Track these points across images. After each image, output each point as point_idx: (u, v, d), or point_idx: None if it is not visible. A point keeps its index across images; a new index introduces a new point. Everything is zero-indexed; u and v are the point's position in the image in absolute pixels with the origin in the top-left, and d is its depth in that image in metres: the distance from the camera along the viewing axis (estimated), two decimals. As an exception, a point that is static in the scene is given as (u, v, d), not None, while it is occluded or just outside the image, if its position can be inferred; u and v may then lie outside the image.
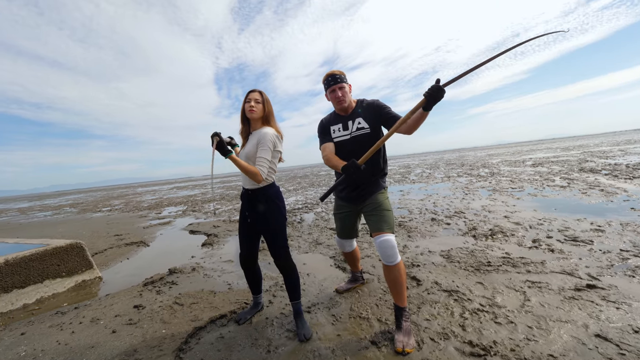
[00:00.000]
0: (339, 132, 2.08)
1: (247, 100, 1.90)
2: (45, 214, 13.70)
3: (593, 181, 6.91)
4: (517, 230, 3.80)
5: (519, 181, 8.23)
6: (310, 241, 4.18)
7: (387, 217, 1.92)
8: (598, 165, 9.97)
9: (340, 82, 1.99)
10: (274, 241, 1.91)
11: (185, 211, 9.20)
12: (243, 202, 1.98)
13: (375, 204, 1.98)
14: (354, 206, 2.12)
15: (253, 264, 2.07)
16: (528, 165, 13.08)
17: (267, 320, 2.10)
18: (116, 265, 3.91)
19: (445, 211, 5.36)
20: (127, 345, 1.87)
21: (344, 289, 2.47)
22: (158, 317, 2.18)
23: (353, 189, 2.10)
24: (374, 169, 2.03)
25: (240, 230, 2.02)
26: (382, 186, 2.05)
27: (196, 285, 2.85)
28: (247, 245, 2.01)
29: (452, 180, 10.32)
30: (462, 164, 18.73)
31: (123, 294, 2.75)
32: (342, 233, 2.29)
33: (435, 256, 3.14)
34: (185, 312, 2.24)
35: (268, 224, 1.89)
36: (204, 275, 3.14)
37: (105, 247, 4.85)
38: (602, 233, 3.34)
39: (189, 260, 3.79)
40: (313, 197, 9.62)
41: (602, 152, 15.78)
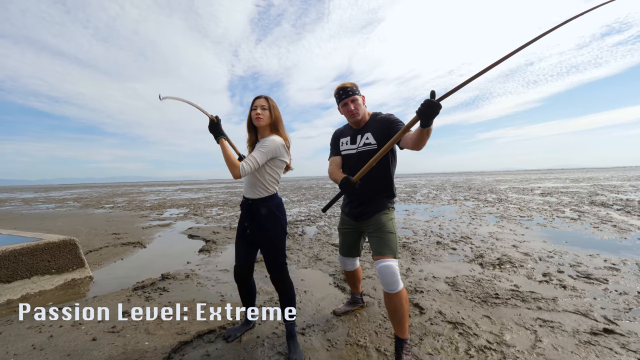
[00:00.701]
0: (346, 146, 2.02)
1: (253, 107, 1.82)
2: (47, 206, 13.74)
3: (605, 216, 6.70)
4: (526, 261, 3.63)
5: (528, 210, 8.03)
6: (310, 256, 4.05)
7: (389, 240, 1.79)
8: (609, 199, 9.73)
9: (353, 95, 1.91)
10: (272, 255, 1.80)
11: (186, 214, 9.13)
12: (243, 211, 1.89)
13: (377, 224, 1.86)
14: (357, 223, 2.02)
15: (248, 278, 1.95)
16: (537, 194, 12.84)
17: (257, 340, 1.96)
18: (109, 266, 3.81)
19: (451, 235, 5.19)
20: (105, 356, 1.74)
21: (342, 312, 2.33)
22: (143, 327, 2.06)
23: (355, 205, 1.99)
24: (375, 187, 1.91)
25: (238, 240, 1.92)
26: (387, 206, 1.91)
27: (187, 294, 2.73)
28: (244, 257, 1.90)
29: (459, 203, 10.13)
30: (469, 188, 18.50)
31: (111, 298, 2.63)
32: (343, 249, 2.18)
33: (440, 283, 2.99)
34: (173, 323, 2.12)
35: (267, 237, 1.78)
36: (197, 284, 3.02)
37: (101, 246, 4.76)
38: (617, 272, 3.16)
39: (184, 266, 3.67)
40: (316, 209, 9.49)
41: (612, 186, 15.47)
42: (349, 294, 2.75)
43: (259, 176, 1.78)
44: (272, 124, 1.84)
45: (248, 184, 1.83)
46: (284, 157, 1.82)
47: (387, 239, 1.79)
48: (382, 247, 1.76)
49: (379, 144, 1.86)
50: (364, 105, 1.98)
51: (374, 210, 1.90)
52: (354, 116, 1.93)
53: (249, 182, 1.83)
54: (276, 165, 1.80)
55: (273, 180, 1.82)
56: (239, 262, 1.91)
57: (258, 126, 1.84)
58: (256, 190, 1.79)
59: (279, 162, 1.81)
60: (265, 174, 1.78)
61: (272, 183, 1.82)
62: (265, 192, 1.79)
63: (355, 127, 2.00)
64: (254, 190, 1.79)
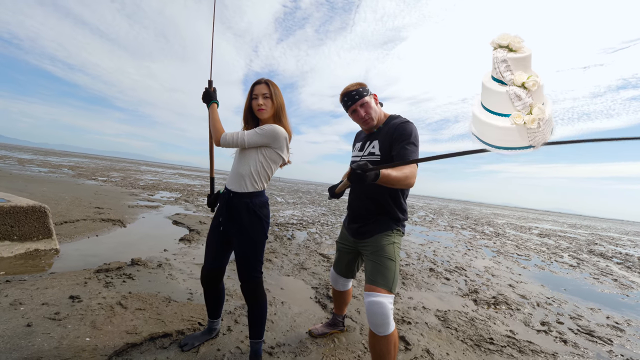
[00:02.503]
0: (355, 152, 1.82)
1: (253, 96, 1.59)
2: (41, 170, 13.47)
3: (605, 267, 6.45)
4: (524, 305, 3.38)
5: (525, 249, 7.78)
6: (295, 263, 3.79)
7: (386, 268, 1.50)
8: (608, 250, 9.48)
9: (360, 98, 1.64)
10: (246, 261, 1.55)
11: (178, 199, 8.86)
12: (221, 204, 1.64)
13: (375, 246, 1.59)
14: (354, 241, 1.76)
15: (217, 282, 1.69)
16: (534, 233, 12.59)
17: (217, 354, 1.70)
18: (80, 241, 3.55)
19: (445, 263, 4.93)
20: (32, 350, 1.47)
21: (319, 333, 2.07)
22: (90, 318, 1.79)
23: (353, 219, 1.76)
24: (378, 203, 1.64)
25: (210, 237, 1.66)
26: (390, 227, 1.62)
27: (153, 286, 2.47)
28: (214, 258, 1.64)
29: (456, 231, 9.87)
30: (466, 217, 18.24)
31: (68, 277, 2.37)
32: (337, 267, 1.95)
33: (430, 315, 2.73)
34: (126, 318, 1.85)
35: (243, 238, 1.54)
36: (167, 275, 2.77)
37: (79, 218, 4.50)
38: (622, 333, 2.91)
39: (159, 254, 3.41)
40: (311, 214, 9.23)
41: (611, 238, 15.21)
42: (330, 312, 2.49)
43: (250, 167, 1.55)
44: (276, 113, 1.62)
45: (234, 173, 1.60)
46: (282, 151, 1.58)
47: (384, 266, 1.51)
48: (375, 275, 1.49)
49: (383, 156, 1.62)
50: (377, 105, 1.71)
51: (375, 230, 1.63)
52: (368, 122, 1.68)
53: (235, 171, 1.59)
54: (271, 158, 1.57)
55: (264, 174, 1.58)
56: (208, 262, 1.66)
57: (261, 118, 1.61)
58: (242, 181, 1.55)
59: (276, 156, 1.58)
60: (257, 164, 1.55)
61: (262, 178, 1.58)
62: (251, 186, 1.56)
63: (368, 132, 1.76)
64: (239, 182, 1.56)
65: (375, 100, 1.72)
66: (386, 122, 1.70)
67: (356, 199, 1.75)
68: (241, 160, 1.58)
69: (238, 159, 1.61)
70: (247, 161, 1.56)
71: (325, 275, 3.47)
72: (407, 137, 1.54)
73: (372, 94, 1.71)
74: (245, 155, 1.57)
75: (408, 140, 1.53)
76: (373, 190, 1.63)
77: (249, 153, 1.56)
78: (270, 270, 3.40)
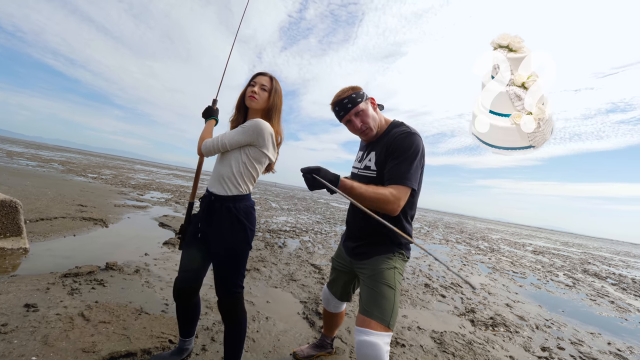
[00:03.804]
0: (355, 162, 1.60)
1: (251, 83, 1.46)
2: (29, 163, 13.10)
3: (600, 288, 6.33)
4: (522, 327, 3.20)
5: (520, 266, 7.65)
6: (284, 274, 3.58)
7: (383, 297, 1.27)
8: (602, 270, 9.40)
9: (353, 107, 1.39)
10: (226, 274, 1.36)
11: (168, 200, 8.61)
12: (201, 208, 1.46)
13: (373, 270, 1.36)
14: (351, 262, 1.54)
15: (191, 296, 1.48)
16: (528, 250, 12.50)
17: (187, 378, 1.50)
18: (55, 240, 3.31)
19: (440, 279, 4.76)
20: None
21: (304, 356, 1.87)
22: (43, 332, 1.58)
23: (349, 236, 1.55)
24: (369, 227, 1.41)
25: (186, 245, 1.47)
26: (392, 250, 1.39)
27: (125, 295, 2.25)
28: (190, 268, 1.45)
29: (451, 245, 9.72)
30: (461, 231, 18.14)
31: (29, 281, 2.14)
32: (331, 286, 1.72)
33: (425, 337, 2.54)
34: (85, 333, 1.64)
35: (224, 248, 1.35)
36: (144, 283, 2.55)
37: (58, 215, 4.26)
38: (626, 362, 2.75)
39: (139, 258, 3.19)
40: (305, 222, 9.03)
41: (603, 258, 15.19)
42: (318, 331, 2.29)
43: (232, 167, 1.38)
44: (267, 109, 1.45)
45: (216, 174, 1.43)
46: (267, 150, 1.41)
47: (382, 294, 1.27)
48: (371, 305, 1.26)
49: (379, 172, 1.38)
50: (375, 111, 1.46)
51: (373, 252, 1.41)
52: (366, 134, 1.45)
53: (217, 173, 1.42)
54: (256, 158, 1.40)
55: (248, 175, 1.41)
56: (183, 273, 1.45)
57: (250, 107, 1.46)
58: (224, 184, 1.38)
59: (261, 156, 1.41)
60: (241, 165, 1.38)
61: (247, 180, 1.41)
62: (235, 189, 1.38)
63: (367, 142, 1.53)
64: (222, 184, 1.38)
65: (372, 105, 1.47)
66: (387, 131, 1.45)
67: (351, 215, 1.56)
68: (222, 161, 1.42)
69: (219, 159, 1.45)
70: (228, 161, 1.39)
71: (316, 288, 3.27)
72: (404, 152, 1.28)
73: (369, 99, 1.45)
74: (226, 154, 1.40)
75: (404, 157, 1.27)
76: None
77: (231, 152, 1.39)
78: (257, 280, 3.19)
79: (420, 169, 1.31)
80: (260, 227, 6.72)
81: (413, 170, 1.26)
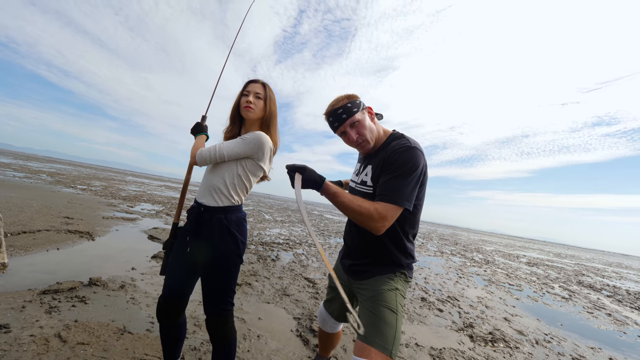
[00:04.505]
0: (353, 174, 1.51)
1: (244, 92, 1.41)
2: (16, 174, 12.78)
3: (596, 301, 6.30)
4: (522, 342, 3.12)
5: (516, 278, 7.60)
6: (277, 288, 3.46)
7: (383, 321, 1.15)
8: (596, 282, 9.40)
9: (349, 117, 1.27)
10: (215, 291, 1.28)
11: (159, 212, 8.42)
12: (188, 220, 1.38)
13: (373, 291, 1.25)
14: (348, 280, 1.43)
15: (176, 316, 1.37)
16: (523, 262, 12.49)
17: (170, 406, 1.38)
18: (37, 254, 3.16)
19: (437, 292, 4.67)
20: None
21: (298, 377, 1.76)
22: (14, 356, 1.45)
23: (345, 253, 1.44)
24: (366, 245, 1.32)
25: (172, 260, 1.37)
26: (392, 270, 1.28)
27: (108, 313, 2.12)
28: (176, 285, 1.34)
29: (446, 257, 9.65)
30: (455, 243, 18.11)
31: (4, 299, 2.00)
32: (328, 304, 1.62)
33: (424, 354, 2.45)
34: (61, 356, 1.51)
35: (214, 263, 1.27)
36: (129, 299, 2.42)
37: (42, 228, 4.09)
38: (629, 378, 2.67)
39: (125, 272, 3.05)
40: (298, 234, 8.89)
41: (596, 269, 15.25)
42: (312, 350, 2.18)
43: (225, 178, 1.32)
44: (265, 119, 1.41)
45: (206, 185, 1.36)
46: (264, 164, 1.37)
47: (383, 319, 1.16)
48: (370, 330, 1.14)
49: (375, 189, 1.28)
50: (373, 122, 1.35)
51: (371, 271, 1.30)
52: (363, 146, 1.33)
53: (208, 183, 1.35)
54: (252, 171, 1.35)
55: (242, 188, 1.35)
56: (167, 290, 1.35)
57: (246, 118, 1.40)
58: (216, 195, 1.31)
59: (257, 169, 1.36)
60: (235, 177, 1.32)
61: (240, 191, 1.35)
62: (227, 200, 1.31)
63: (365, 154, 1.44)
64: (213, 195, 1.32)
65: (370, 115, 1.35)
66: (386, 143, 1.33)
67: (348, 230, 1.45)
68: (215, 171, 1.35)
69: (211, 169, 1.38)
70: (220, 172, 1.33)
71: (310, 303, 3.16)
72: (399, 167, 1.17)
73: (366, 108, 1.34)
74: (219, 165, 1.34)
75: (398, 172, 1.16)
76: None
77: (224, 163, 1.33)
78: (248, 295, 3.07)
79: (417, 187, 1.20)
80: (253, 239, 6.59)
81: (407, 188, 1.15)
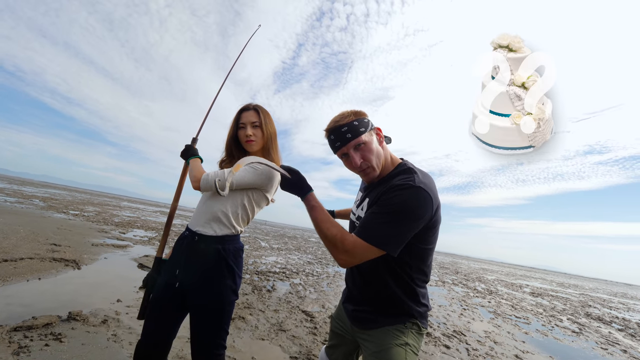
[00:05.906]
0: (353, 206, 1.33)
1: (240, 125, 1.32)
2: (7, 199, 12.54)
3: (608, 335, 5.99)
4: (538, 384, 2.88)
5: (522, 310, 7.28)
6: (273, 322, 3.23)
7: None
8: (604, 314, 9.05)
9: (354, 137, 1.06)
10: (206, 332, 1.13)
11: (152, 239, 8.16)
12: (178, 251, 1.25)
13: (378, 345, 1.05)
14: (351, 327, 1.21)
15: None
16: (527, 292, 12.11)
17: None
18: (15, 285, 2.95)
19: (442, 326, 4.41)
20: None
21: None
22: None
23: (350, 297, 1.23)
24: (370, 290, 1.13)
25: (155, 298, 1.20)
26: (402, 320, 1.07)
27: (85, 353, 1.92)
28: (159, 328, 1.17)
29: (447, 287, 9.33)
30: (456, 271, 17.66)
31: (-30, 337, 1.81)
32: (331, 351, 1.38)
33: (434, 400, 2.22)
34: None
35: (208, 300, 1.13)
36: (110, 336, 2.21)
37: (26, 256, 3.88)
38: None
39: (110, 305, 2.84)
40: (295, 262, 8.60)
41: (602, 300, 14.81)
42: (310, 396, 1.96)
43: (228, 207, 1.21)
44: (265, 145, 1.33)
45: (204, 212, 1.24)
46: (270, 195, 1.30)
47: None
48: None
49: None
50: (381, 145, 1.13)
51: (378, 321, 1.09)
52: (367, 173, 1.11)
53: (206, 211, 1.24)
54: (257, 201, 1.27)
55: (245, 216, 1.26)
56: (148, 335, 1.17)
57: (249, 151, 1.33)
58: (215, 224, 1.20)
59: (263, 200, 1.29)
60: (239, 207, 1.23)
61: (242, 221, 1.25)
62: (227, 229, 1.20)
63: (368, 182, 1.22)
64: (212, 224, 1.20)
65: (379, 137, 1.13)
66: (391, 174, 1.12)
67: (349, 272, 1.24)
68: (216, 198, 1.24)
69: (211, 196, 1.26)
70: (223, 200, 1.22)
71: (308, 340, 2.93)
72: (390, 206, 0.98)
73: (374, 128, 1.12)
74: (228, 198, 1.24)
75: (386, 210, 0.97)
76: (366, 264, 1.05)
77: (230, 191, 1.23)
78: (241, 331, 2.85)
79: (410, 232, 0.98)
80: (248, 268, 6.32)
81: (390, 230, 0.95)
